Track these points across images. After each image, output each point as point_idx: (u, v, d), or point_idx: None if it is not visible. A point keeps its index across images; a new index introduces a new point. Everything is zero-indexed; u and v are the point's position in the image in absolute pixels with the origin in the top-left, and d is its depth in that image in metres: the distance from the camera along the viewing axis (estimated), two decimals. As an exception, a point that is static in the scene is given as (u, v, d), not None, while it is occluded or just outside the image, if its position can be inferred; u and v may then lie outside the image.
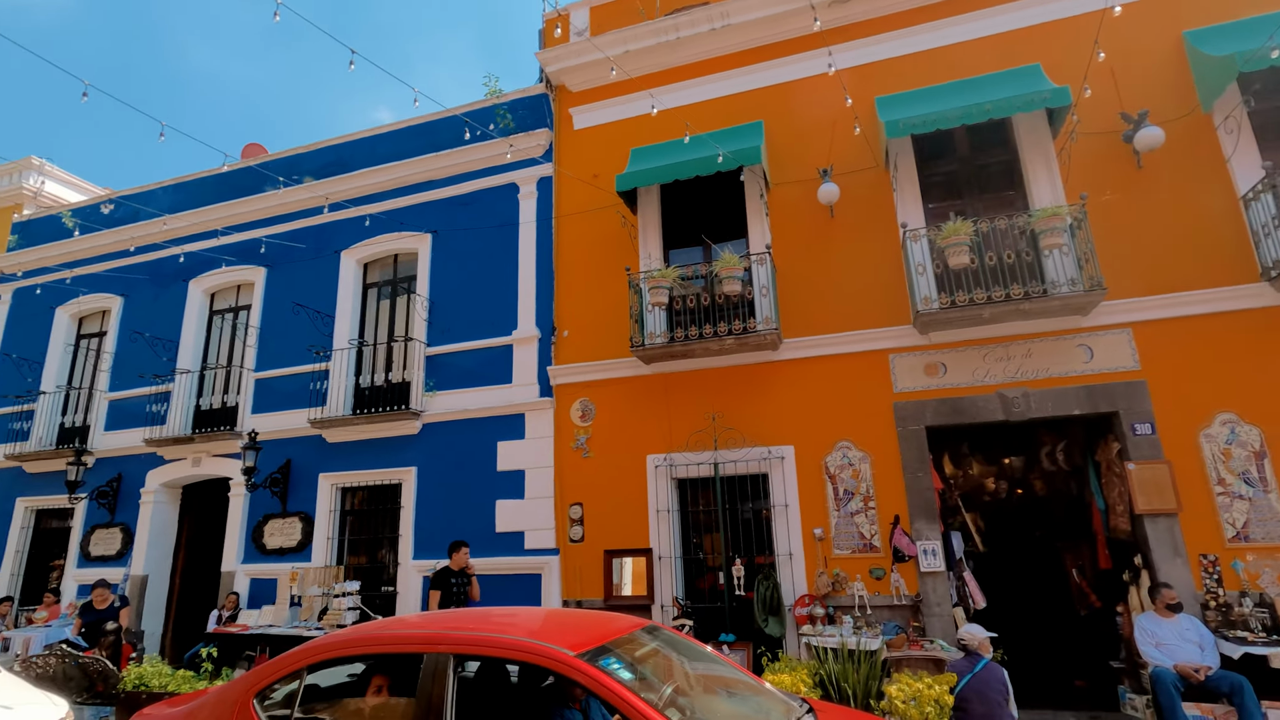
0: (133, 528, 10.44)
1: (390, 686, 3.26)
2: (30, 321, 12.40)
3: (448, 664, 2.88)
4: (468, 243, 9.77)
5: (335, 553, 9.35)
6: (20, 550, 11.20)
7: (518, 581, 8.32)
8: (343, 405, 9.70)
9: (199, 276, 11.35)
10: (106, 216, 12.33)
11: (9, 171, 13.55)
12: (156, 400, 10.81)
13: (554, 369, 8.79)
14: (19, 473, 11.47)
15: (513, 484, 8.64)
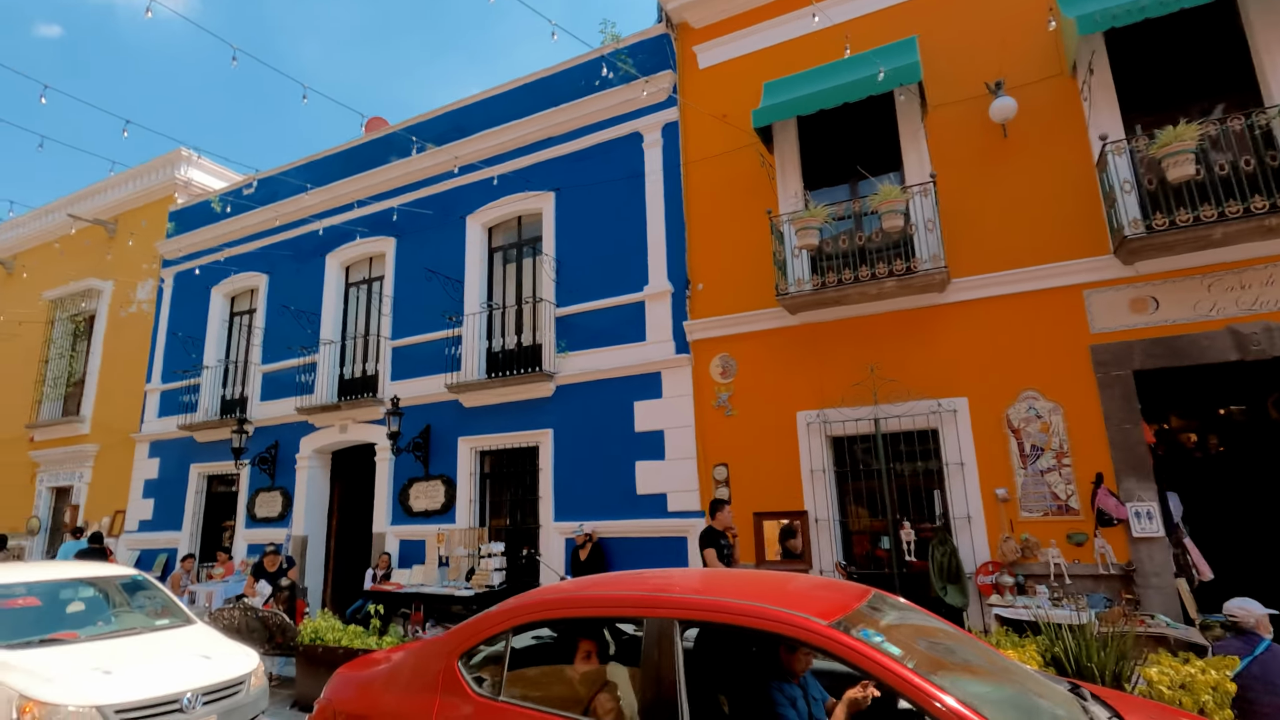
0: (291, 491, 11.06)
1: (599, 653, 2.95)
2: (191, 302, 13.32)
3: (673, 630, 2.52)
4: (592, 198, 9.44)
5: (477, 515, 9.46)
6: (196, 512, 12.17)
7: (661, 545, 8.05)
8: (476, 369, 9.73)
9: (334, 250, 11.72)
10: (249, 198, 12.98)
11: (162, 165, 14.54)
12: (304, 371, 11.32)
13: (690, 324, 8.34)
14: (190, 442, 12.43)
15: (652, 445, 8.33)
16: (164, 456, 12.73)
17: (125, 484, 13.07)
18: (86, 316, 14.99)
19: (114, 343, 14.27)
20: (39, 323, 15.46)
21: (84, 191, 15.50)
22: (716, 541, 6.22)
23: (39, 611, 5.09)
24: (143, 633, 5.17)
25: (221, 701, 4.72)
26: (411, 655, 3.05)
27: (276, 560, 7.54)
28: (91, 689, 4.24)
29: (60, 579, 5.46)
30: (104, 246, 15.06)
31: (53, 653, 4.57)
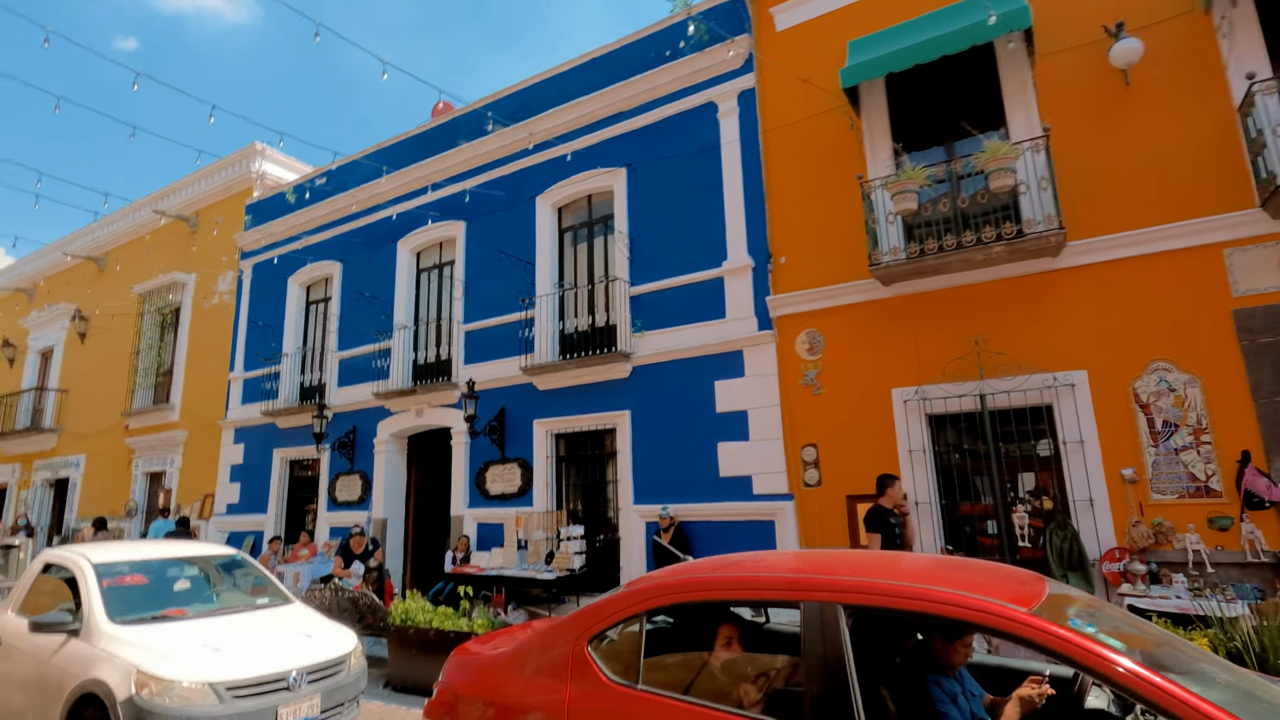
0: (370, 475, 11.22)
1: (742, 639, 2.70)
2: (269, 292, 13.67)
3: (837, 616, 2.24)
4: (665, 173, 9.14)
5: (555, 497, 9.36)
6: (280, 496, 12.52)
7: (746, 529, 7.76)
8: (549, 351, 9.60)
9: (405, 236, 11.77)
10: (321, 189, 13.18)
11: (238, 159, 14.94)
12: (379, 356, 11.44)
13: (773, 299, 7.98)
14: (272, 428, 12.77)
15: (735, 425, 8.04)
16: (248, 442, 13.14)
17: (213, 469, 13.56)
18: (173, 309, 15.60)
19: (199, 333, 14.80)
20: (130, 315, 16.18)
21: (167, 189, 16.09)
22: (886, 522, 5.51)
23: (148, 589, 5.18)
24: (245, 611, 5.21)
25: (325, 680, 4.70)
26: (537, 638, 2.87)
27: (362, 542, 7.61)
28: (203, 665, 4.26)
29: (166, 558, 5.56)
30: (187, 241, 15.62)
31: (164, 629, 4.62)
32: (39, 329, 19.11)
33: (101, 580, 4.90)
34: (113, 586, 4.93)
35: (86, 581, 4.85)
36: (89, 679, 4.25)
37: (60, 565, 5.22)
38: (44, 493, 17.61)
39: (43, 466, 17.56)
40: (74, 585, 5.11)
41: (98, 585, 4.84)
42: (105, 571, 5.02)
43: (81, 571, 4.95)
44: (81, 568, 4.99)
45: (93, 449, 16.37)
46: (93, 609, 4.65)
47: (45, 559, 5.32)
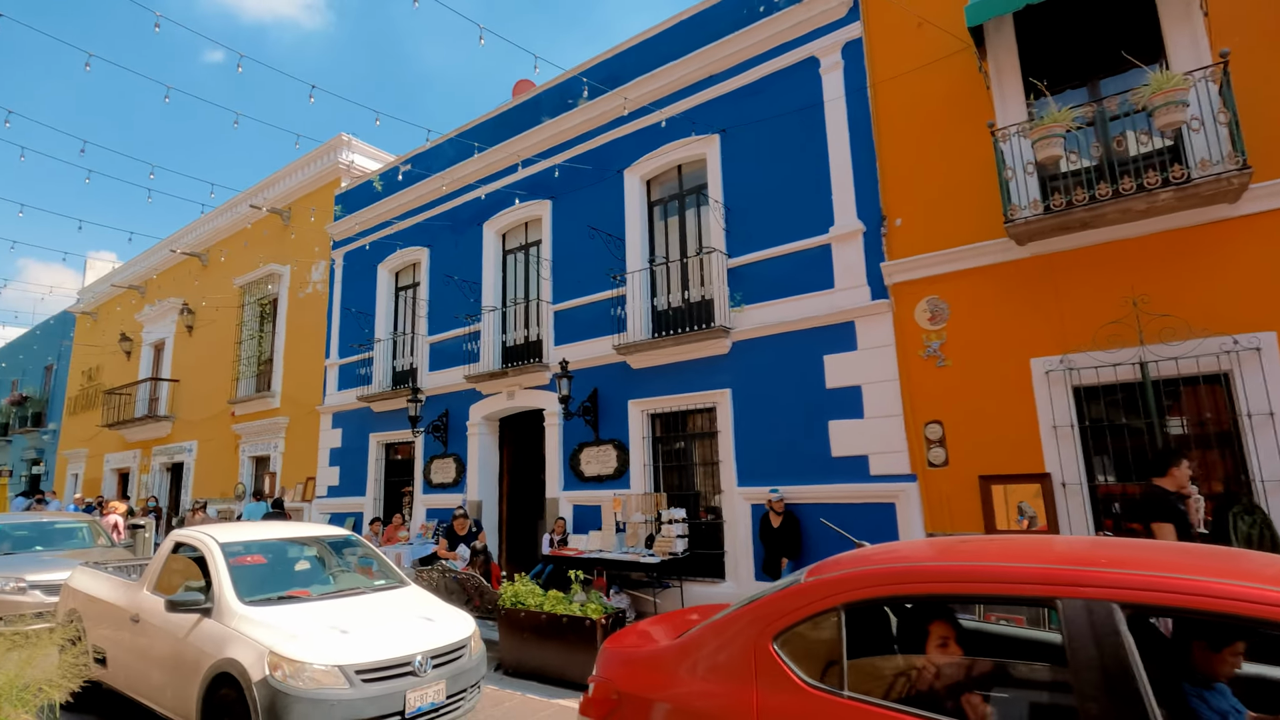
0: (464, 458, 11.27)
1: (959, 640, 2.29)
2: (360, 279, 13.93)
3: (1112, 616, 1.80)
4: (762, 137, 8.62)
5: (652, 479, 9.09)
6: (377, 478, 12.80)
7: (863, 512, 7.25)
8: (642, 329, 9.29)
9: (490, 218, 11.69)
10: (407, 176, 13.28)
11: (326, 151, 15.26)
12: (469, 340, 11.44)
13: (888, 265, 7.38)
14: (368, 412, 13.05)
15: (847, 402, 7.52)
16: (345, 426, 13.48)
17: (314, 452, 14.01)
18: (271, 299, 16.19)
19: (295, 322, 15.29)
20: (232, 307, 16.91)
21: (261, 184, 16.66)
22: (1175, 509, 4.44)
23: (271, 570, 5.19)
24: (365, 593, 5.15)
25: (448, 665, 4.56)
26: (707, 633, 2.54)
27: (466, 524, 7.55)
28: (332, 648, 4.17)
29: (287, 538, 5.58)
30: (281, 233, 16.14)
31: (291, 610, 4.58)
32: (151, 323, 20.31)
33: (228, 560, 4.92)
34: (238, 566, 4.94)
35: (215, 562, 4.88)
36: (223, 658, 4.24)
37: (189, 545, 5.29)
38: (162, 476, 18.76)
39: (160, 452, 18.70)
40: (203, 565, 5.17)
41: (226, 565, 4.85)
42: (231, 551, 5.04)
43: (210, 552, 4.98)
44: (210, 548, 5.03)
45: (203, 435, 17.28)
46: (223, 589, 4.66)
47: (175, 539, 5.41)
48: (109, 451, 20.85)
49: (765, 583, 7.65)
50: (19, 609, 7.82)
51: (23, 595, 7.89)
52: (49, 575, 8.15)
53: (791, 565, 7.38)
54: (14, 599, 7.84)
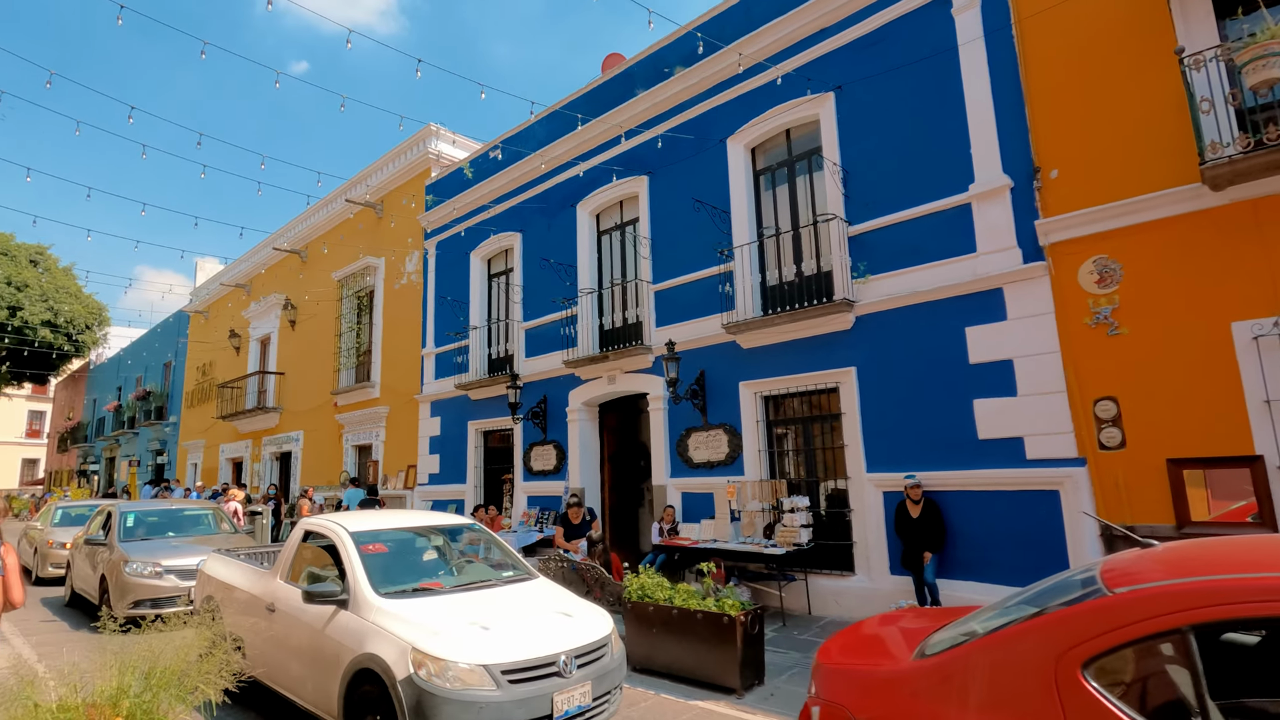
0: (564, 444, 11.06)
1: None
2: (452, 268, 13.96)
3: None
4: (884, 91, 7.87)
5: (768, 465, 8.56)
6: (477, 466, 12.81)
7: (1019, 501, 6.51)
8: (751, 306, 8.74)
9: (584, 199, 11.37)
10: (496, 162, 13.15)
11: (415, 142, 15.37)
12: (566, 324, 11.19)
13: (1044, 224, 6.55)
14: (465, 400, 13.06)
15: (995, 378, 6.75)
16: (444, 415, 13.56)
17: (414, 441, 14.20)
18: (367, 291, 16.53)
19: (391, 313, 15.54)
20: (331, 301, 17.40)
21: (354, 179, 17.00)
22: None
23: (402, 559, 5.01)
24: (496, 585, 4.89)
25: (592, 665, 4.22)
26: (977, 653, 2.03)
27: (580, 512, 7.27)
28: (476, 646, 3.90)
29: (413, 527, 5.41)
30: (375, 226, 16.43)
31: (427, 604, 4.35)
32: (257, 319, 21.26)
33: (360, 550, 4.75)
34: (369, 556, 4.76)
35: (348, 552, 4.71)
36: (364, 654, 4.03)
37: (319, 534, 5.17)
38: (271, 465, 19.65)
39: (269, 442, 19.57)
40: (334, 554, 5.04)
41: (359, 555, 4.68)
42: (361, 541, 4.87)
43: (342, 541, 4.83)
44: (341, 538, 4.88)
45: (309, 425, 17.92)
46: (357, 580, 4.48)
47: (304, 528, 5.31)
48: (223, 442, 22.05)
49: (903, 577, 7.03)
50: (156, 592, 8.11)
51: (159, 579, 8.18)
52: (181, 560, 8.42)
53: (935, 559, 6.72)
54: (152, 583, 8.13)
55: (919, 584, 6.83)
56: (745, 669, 5.31)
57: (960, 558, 6.78)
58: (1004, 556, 6.50)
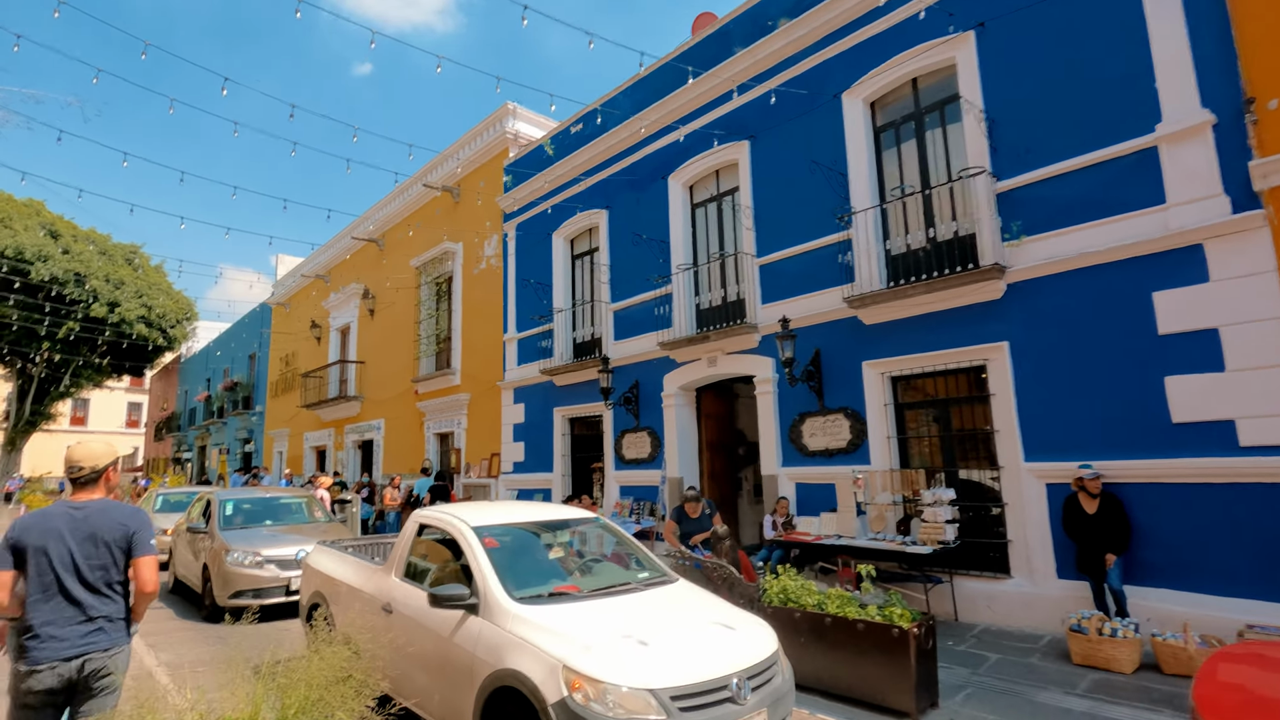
0: (659, 431, 10.45)
1: None
2: (534, 250, 13.50)
3: None
4: (1037, 24, 6.85)
5: (897, 453, 7.71)
6: (564, 454, 12.35)
7: (1230, 495, 5.48)
8: (875, 277, 7.87)
9: (676, 170, 10.66)
10: (578, 137, 12.58)
11: (492, 122, 14.96)
12: (659, 304, 10.55)
13: (1261, 164, 5.46)
14: (550, 386, 12.61)
15: (1194, 351, 5.72)
16: (528, 401, 13.16)
17: (497, 428, 13.88)
18: (446, 277, 16.31)
19: (471, 298, 15.25)
20: (409, 288, 17.29)
21: (431, 163, 16.77)
22: None
23: (528, 558, 4.47)
24: (636, 589, 4.29)
25: (764, 688, 3.57)
26: None
27: (699, 506, 6.63)
28: (639, 665, 3.29)
29: (535, 521, 4.86)
30: (452, 211, 16.17)
31: (570, 612, 3.78)
32: (336, 309, 21.49)
33: (483, 546, 4.22)
34: (495, 552, 4.23)
35: (472, 549, 4.19)
36: (504, 669, 3.49)
37: (435, 527, 4.69)
38: (354, 453, 19.84)
39: (351, 430, 19.75)
40: (453, 549, 4.56)
41: (486, 554, 4.15)
42: (483, 536, 4.35)
43: (464, 537, 4.32)
44: (462, 532, 4.37)
45: (390, 414, 17.93)
46: (487, 582, 3.94)
47: (419, 520, 4.84)
48: (307, 430, 22.47)
49: (1075, 582, 6.10)
50: (257, 583, 7.92)
51: (260, 569, 7.99)
52: (281, 550, 8.22)
53: (1120, 562, 5.77)
54: (253, 572, 7.95)
55: (1098, 590, 5.90)
56: (920, 689, 4.56)
57: (1149, 560, 5.81)
58: (1211, 560, 5.50)
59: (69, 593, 2.78)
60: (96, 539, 2.85)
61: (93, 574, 2.84)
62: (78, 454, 2.95)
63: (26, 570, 2.77)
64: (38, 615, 2.74)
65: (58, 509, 2.88)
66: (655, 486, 10.32)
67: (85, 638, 2.78)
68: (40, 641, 2.71)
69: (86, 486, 2.96)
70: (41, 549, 2.77)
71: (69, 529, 2.82)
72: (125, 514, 2.96)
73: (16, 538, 2.78)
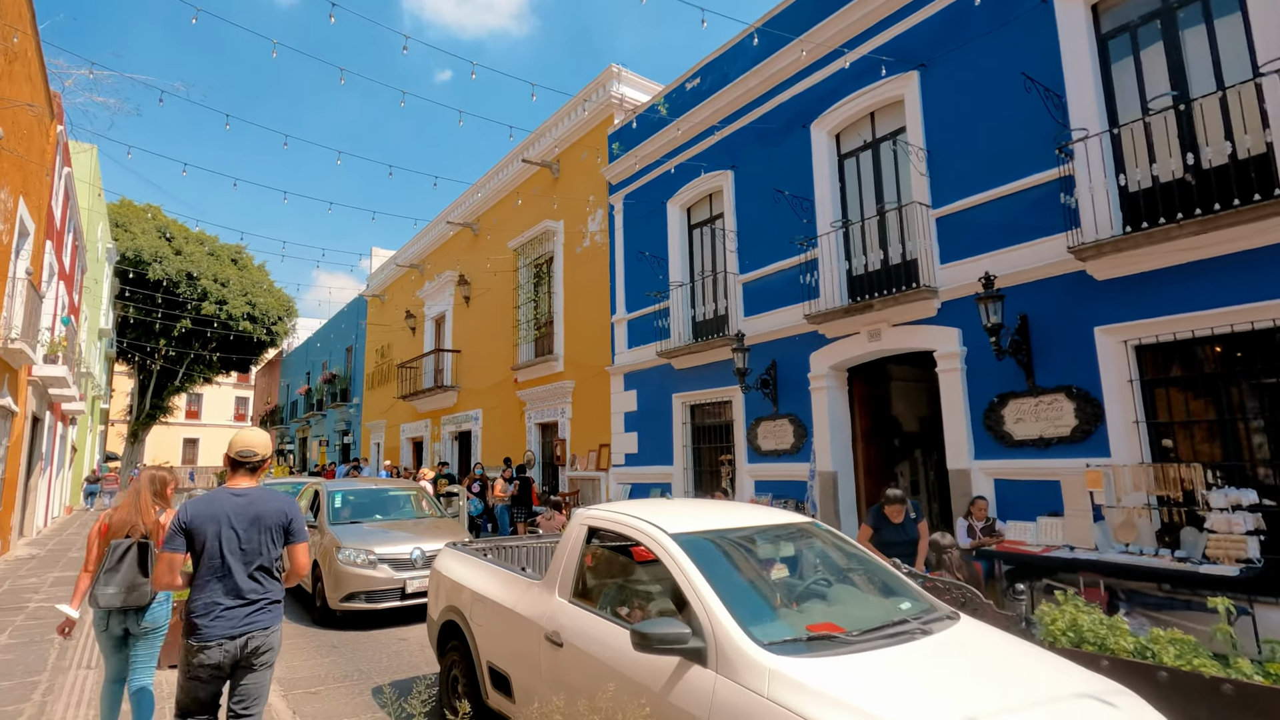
0: (803, 419, 9.05)
1: None
2: (644, 223, 12.33)
3: None
4: None
5: (1146, 443, 6.02)
6: (685, 445, 11.12)
7: None
8: (1109, 220, 6.19)
9: (819, 118, 9.20)
10: (696, 93, 11.30)
11: (596, 87, 13.88)
12: (803, 271, 9.12)
13: None
14: (667, 370, 11.41)
15: None
16: (641, 387, 12.02)
17: (605, 417, 12.82)
18: (546, 258, 15.40)
19: (574, 280, 14.26)
20: (507, 272, 16.51)
21: (529, 139, 15.89)
22: None
23: (756, 585, 3.21)
24: (917, 633, 2.93)
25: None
26: None
27: (901, 510, 5.25)
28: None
29: (752, 527, 3.61)
30: (551, 188, 15.22)
31: (850, 669, 2.49)
32: (431, 298, 21.10)
33: (700, 566, 2.99)
34: (715, 575, 2.99)
35: (681, 568, 2.97)
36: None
37: (612, 533, 3.52)
38: (451, 445, 19.34)
39: (448, 421, 19.26)
40: (648, 567, 3.37)
41: (703, 575, 2.92)
42: (690, 549, 3.12)
43: (664, 549, 3.11)
44: (659, 541, 3.16)
45: (488, 403, 17.25)
46: (714, 617, 2.71)
47: (587, 522, 3.69)
48: (403, 421, 22.26)
49: None
50: (370, 584, 7.08)
51: (373, 569, 7.15)
52: (393, 548, 7.37)
53: None
54: (365, 573, 7.11)
55: None
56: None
57: None
58: None
59: (234, 575, 2.88)
60: (259, 524, 2.95)
61: (255, 557, 2.94)
62: (253, 440, 3.08)
63: (196, 552, 2.87)
64: (206, 595, 2.84)
65: (221, 494, 2.96)
66: (799, 481, 8.95)
67: (247, 618, 2.88)
68: (209, 620, 2.82)
69: (253, 473, 3.08)
70: (212, 533, 2.86)
71: (234, 514, 2.92)
72: (283, 501, 3.07)
73: (188, 521, 2.86)
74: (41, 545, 12.88)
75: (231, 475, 3.07)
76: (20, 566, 10.38)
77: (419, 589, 7.25)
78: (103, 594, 3.47)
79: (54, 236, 13.77)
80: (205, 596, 2.84)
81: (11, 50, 9.16)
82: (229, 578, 2.86)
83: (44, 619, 7.11)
